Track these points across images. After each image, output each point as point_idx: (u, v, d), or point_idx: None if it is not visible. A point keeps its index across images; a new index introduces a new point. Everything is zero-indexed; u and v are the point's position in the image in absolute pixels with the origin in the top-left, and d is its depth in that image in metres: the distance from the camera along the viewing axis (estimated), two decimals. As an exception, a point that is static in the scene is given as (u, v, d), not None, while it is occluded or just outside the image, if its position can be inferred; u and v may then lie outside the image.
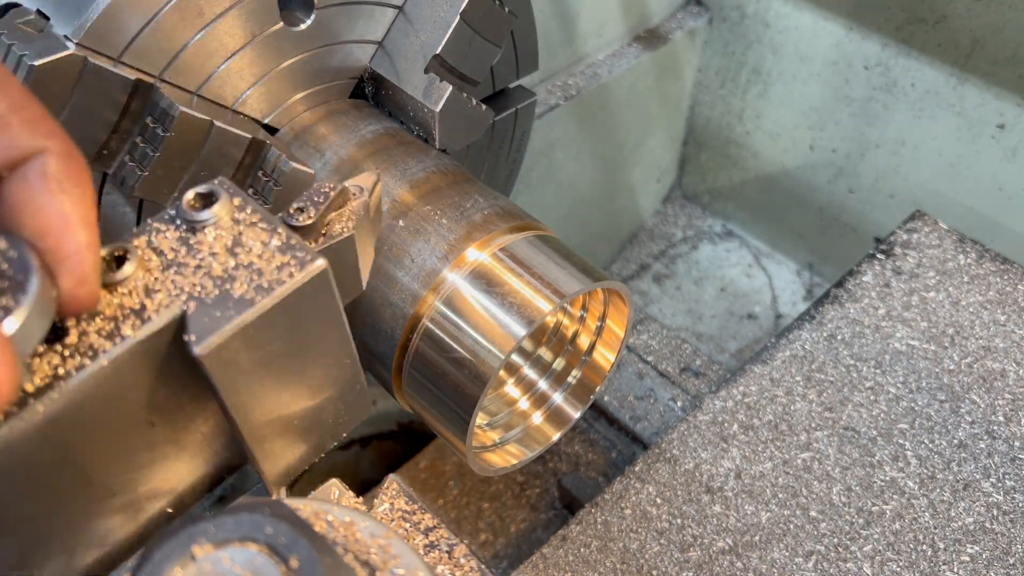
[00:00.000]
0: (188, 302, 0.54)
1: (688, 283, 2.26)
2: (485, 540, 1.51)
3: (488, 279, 0.90)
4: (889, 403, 1.22)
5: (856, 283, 1.36)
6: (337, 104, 1.05)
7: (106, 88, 0.81)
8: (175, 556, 0.44)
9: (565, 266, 0.92)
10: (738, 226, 2.32)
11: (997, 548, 1.08)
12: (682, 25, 2.02)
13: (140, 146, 0.85)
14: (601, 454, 1.53)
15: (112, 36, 0.82)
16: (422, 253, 0.92)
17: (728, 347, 2.11)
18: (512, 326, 0.87)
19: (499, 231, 0.93)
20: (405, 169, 0.98)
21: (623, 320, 1.02)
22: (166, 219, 0.57)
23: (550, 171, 1.88)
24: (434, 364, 0.91)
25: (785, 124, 2.05)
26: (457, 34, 1.01)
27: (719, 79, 2.11)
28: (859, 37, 1.80)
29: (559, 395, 1.06)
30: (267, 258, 0.56)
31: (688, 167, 2.32)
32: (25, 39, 0.79)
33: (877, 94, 1.83)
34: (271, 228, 0.57)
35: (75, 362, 0.50)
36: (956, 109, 1.73)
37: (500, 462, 1.00)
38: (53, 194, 0.48)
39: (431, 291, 0.91)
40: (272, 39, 0.95)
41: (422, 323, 0.91)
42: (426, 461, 1.61)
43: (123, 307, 0.53)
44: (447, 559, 0.68)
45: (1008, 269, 1.37)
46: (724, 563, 1.08)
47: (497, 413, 1.05)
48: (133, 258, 0.55)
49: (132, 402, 0.54)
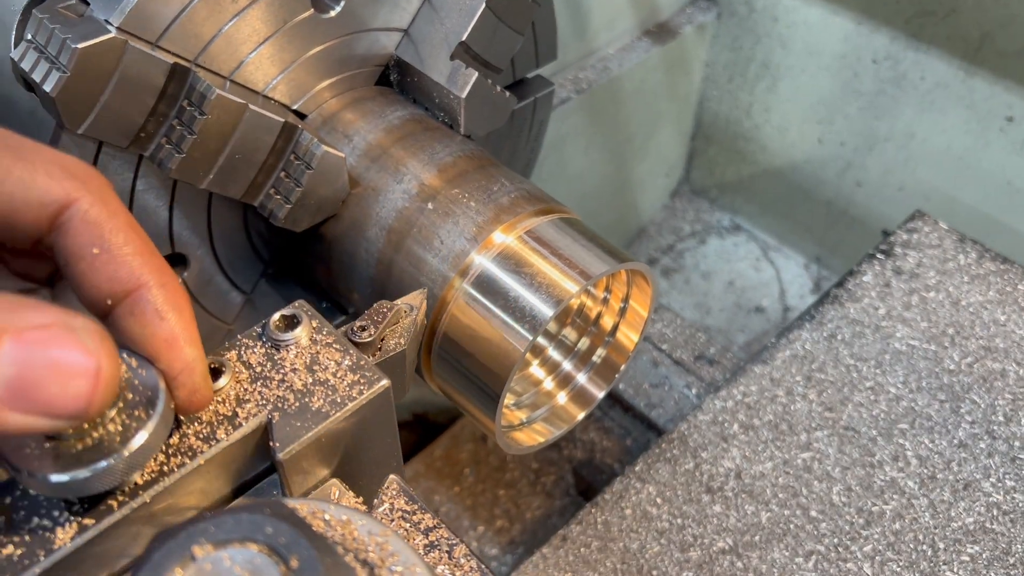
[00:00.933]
0: (273, 412, 0.64)
1: (696, 277, 2.27)
2: (501, 527, 1.52)
3: (516, 261, 0.92)
4: (889, 403, 1.23)
5: (856, 283, 1.37)
6: (363, 91, 1.06)
7: (145, 72, 0.83)
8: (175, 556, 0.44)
9: (591, 248, 0.94)
10: (746, 220, 2.34)
11: (997, 548, 1.09)
12: (691, 20, 2.04)
13: (177, 128, 0.86)
14: (616, 441, 1.55)
15: (150, 21, 0.84)
16: (451, 235, 0.94)
17: (736, 340, 2.13)
18: (540, 307, 0.89)
19: (525, 214, 0.95)
20: (432, 153, 0.99)
21: (647, 300, 1.03)
22: (254, 335, 0.69)
23: (560, 165, 1.89)
24: (463, 345, 0.93)
25: (793, 118, 2.06)
26: (482, 21, 1.02)
27: (728, 73, 2.13)
28: (868, 30, 1.82)
29: (583, 375, 1.07)
30: (340, 376, 0.67)
31: (696, 161, 2.34)
32: (67, 23, 0.80)
33: (886, 87, 1.85)
34: (343, 349, 0.68)
35: (177, 460, 0.59)
36: (965, 102, 1.75)
37: (528, 440, 1.02)
38: (161, 322, 0.57)
39: (459, 273, 0.93)
40: (302, 25, 0.97)
41: (451, 305, 0.93)
42: (441, 450, 1.63)
43: (218, 413, 0.63)
44: (447, 559, 0.69)
45: (1008, 269, 1.38)
46: (724, 563, 1.08)
47: (523, 393, 1.07)
48: (228, 371, 0.65)
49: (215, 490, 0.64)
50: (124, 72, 0.81)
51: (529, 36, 1.18)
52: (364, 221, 0.98)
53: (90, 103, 0.81)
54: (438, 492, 1.57)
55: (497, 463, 1.60)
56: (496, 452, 1.61)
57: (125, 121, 0.84)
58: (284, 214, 0.95)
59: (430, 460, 1.61)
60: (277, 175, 0.94)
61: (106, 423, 0.55)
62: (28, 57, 0.81)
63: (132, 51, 0.81)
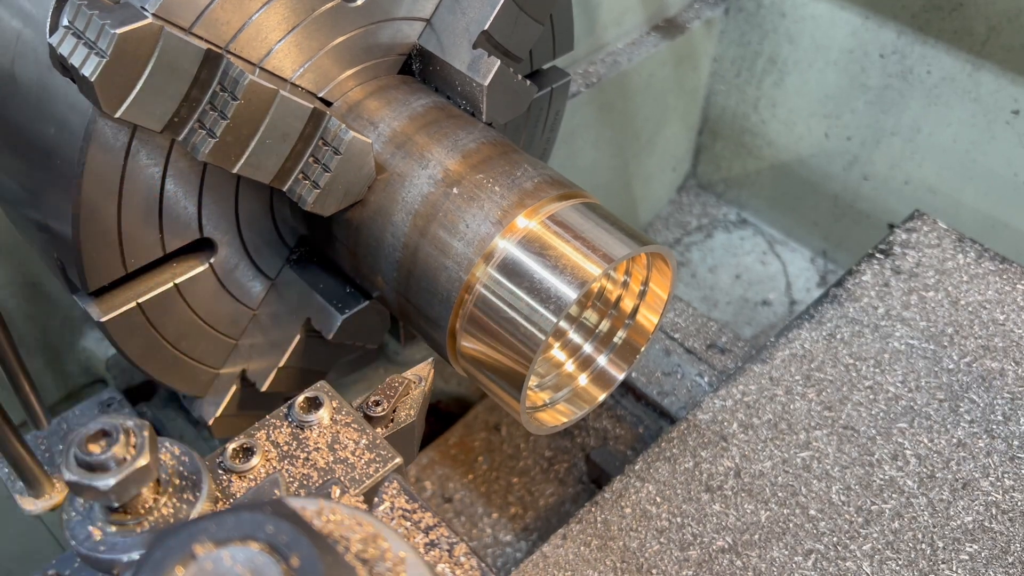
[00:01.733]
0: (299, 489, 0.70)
1: (703, 270, 2.29)
2: (515, 513, 1.54)
3: (539, 245, 0.93)
4: (888, 402, 1.23)
5: (855, 282, 1.38)
6: (387, 79, 1.08)
7: (180, 57, 0.85)
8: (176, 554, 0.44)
9: (613, 231, 0.96)
10: (752, 214, 2.36)
11: (996, 547, 1.09)
12: (699, 15, 2.06)
13: (210, 113, 0.88)
14: (628, 429, 1.57)
15: (184, 8, 0.86)
16: (476, 220, 0.95)
17: (743, 333, 2.15)
18: (563, 289, 0.91)
19: (548, 198, 0.97)
20: (456, 140, 1.01)
21: (667, 283, 1.05)
22: (280, 416, 0.77)
23: (570, 157, 1.91)
24: (488, 328, 0.95)
25: (800, 113, 2.08)
26: (504, 10, 1.04)
27: (735, 68, 2.15)
28: (875, 25, 1.84)
29: (604, 357, 1.09)
30: (358, 454, 0.75)
31: (703, 156, 2.36)
32: (105, 9, 0.82)
33: (893, 82, 1.87)
34: (360, 428, 0.77)
35: None
36: (972, 96, 1.77)
37: (551, 420, 1.03)
38: None
39: (484, 257, 0.94)
40: (328, 14, 0.99)
41: (476, 288, 0.95)
42: (455, 438, 1.65)
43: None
44: (447, 557, 0.70)
45: (1007, 269, 1.39)
46: (724, 562, 1.09)
47: (546, 375, 1.09)
48: (258, 451, 0.73)
49: None
50: (161, 57, 0.83)
51: (547, 26, 1.20)
52: (390, 206, 1.00)
53: (127, 87, 0.83)
54: (452, 480, 1.58)
55: (511, 451, 1.61)
56: (509, 440, 1.63)
57: (160, 105, 0.86)
58: (313, 199, 0.97)
59: (444, 448, 1.62)
60: (306, 160, 0.96)
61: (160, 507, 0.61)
62: (67, 43, 0.83)
63: (168, 37, 0.83)
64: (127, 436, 0.60)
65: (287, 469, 0.72)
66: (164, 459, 0.65)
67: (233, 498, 0.68)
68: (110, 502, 0.61)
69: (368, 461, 0.74)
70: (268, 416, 0.76)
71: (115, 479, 0.59)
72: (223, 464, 0.73)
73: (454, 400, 1.73)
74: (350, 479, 0.73)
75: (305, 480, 0.71)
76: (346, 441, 0.75)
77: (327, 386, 0.79)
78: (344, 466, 0.73)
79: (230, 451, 0.74)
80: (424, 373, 0.89)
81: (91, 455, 0.59)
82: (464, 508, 1.55)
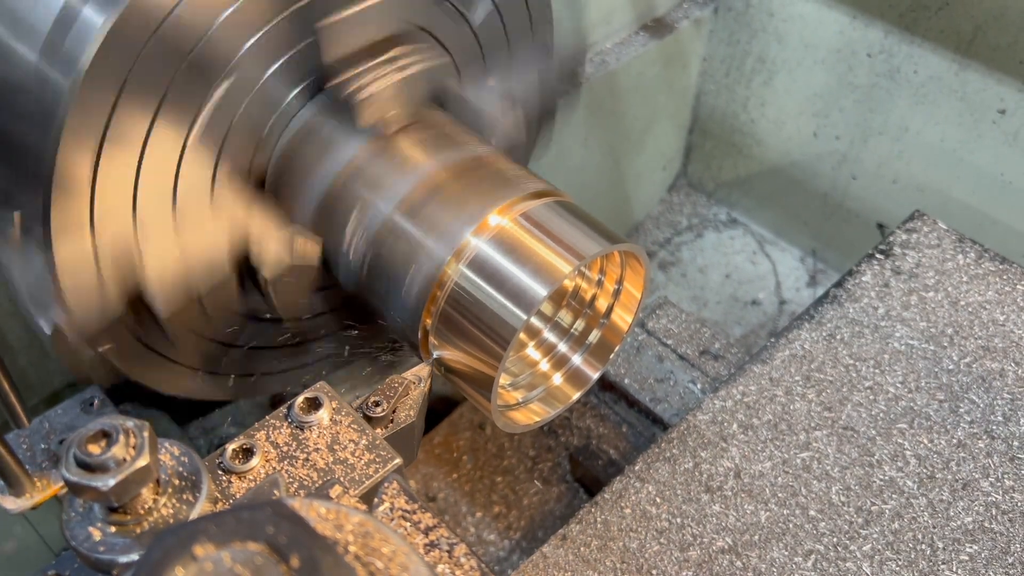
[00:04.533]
0: (299, 490, 0.71)
1: (693, 270, 2.29)
2: (499, 512, 1.54)
3: (511, 242, 0.94)
4: (888, 403, 1.23)
5: (855, 283, 1.37)
6: None
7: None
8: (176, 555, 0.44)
9: (585, 229, 0.96)
10: (742, 214, 2.36)
11: (996, 547, 1.09)
12: (688, 14, 2.06)
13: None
14: (612, 428, 1.57)
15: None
16: (448, 216, 0.96)
17: (733, 333, 2.15)
18: (533, 287, 0.91)
19: (521, 196, 0.97)
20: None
21: (640, 282, 1.05)
22: (280, 417, 0.77)
23: (559, 157, 1.91)
24: (459, 326, 0.95)
25: (789, 112, 2.08)
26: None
27: (724, 68, 2.15)
28: (863, 24, 1.84)
29: (578, 356, 1.09)
30: (358, 455, 0.75)
31: (693, 155, 2.36)
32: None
33: (880, 81, 1.87)
34: (360, 429, 0.77)
35: None
36: (958, 95, 1.77)
37: (524, 419, 1.03)
38: None
39: (455, 255, 0.94)
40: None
41: (447, 286, 0.95)
42: (440, 437, 1.65)
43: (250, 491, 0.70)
44: (447, 558, 0.70)
45: (1007, 269, 1.38)
46: (724, 562, 1.09)
47: (520, 374, 1.09)
48: (258, 452, 0.73)
49: None
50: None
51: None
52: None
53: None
54: (436, 479, 1.59)
55: (495, 450, 1.62)
56: (494, 439, 1.63)
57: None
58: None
59: (429, 447, 1.63)
60: None
61: (159, 508, 0.62)
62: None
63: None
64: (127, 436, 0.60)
65: (287, 470, 0.73)
66: (164, 460, 0.66)
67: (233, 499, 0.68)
68: (110, 502, 0.61)
69: (368, 462, 0.75)
70: (268, 416, 0.77)
71: (115, 479, 0.59)
72: (223, 465, 0.74)
73: (439, 398, 1.73)
74: (350, 480, 0.73)
75: (305, 481, 0.72)
76: (346, 442, 0.76)
77: (327, 387, 0.79)
78: (344, 467, 0.74)
79: (230, 452, 0.75)
80: (424, 373, 0.91)
81: (91, 455, 0.60)
82: (448, 507, 1.56)
